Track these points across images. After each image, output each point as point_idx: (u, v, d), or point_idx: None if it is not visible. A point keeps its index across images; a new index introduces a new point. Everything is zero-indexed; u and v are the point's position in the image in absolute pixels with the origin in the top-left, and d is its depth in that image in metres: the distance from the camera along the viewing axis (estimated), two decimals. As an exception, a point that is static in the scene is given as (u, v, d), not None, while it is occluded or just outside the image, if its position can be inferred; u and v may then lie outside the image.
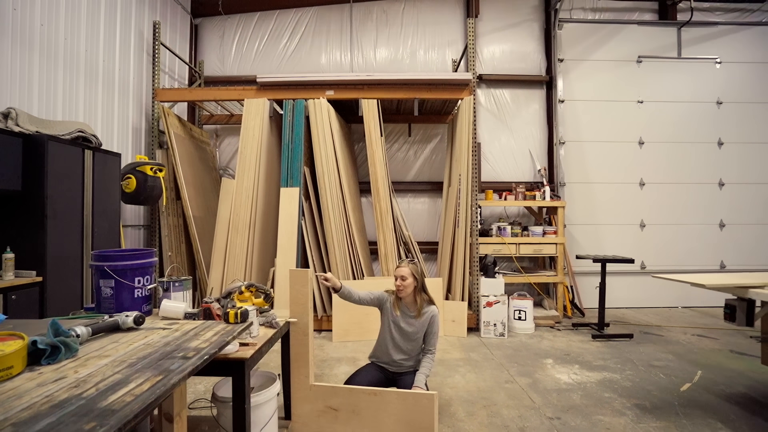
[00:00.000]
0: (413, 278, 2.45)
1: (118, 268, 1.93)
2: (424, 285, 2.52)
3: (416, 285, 2.47)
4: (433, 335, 2.46)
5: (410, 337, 2.46)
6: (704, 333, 4.55)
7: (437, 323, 2.47)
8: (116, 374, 1.14)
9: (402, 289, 2.45)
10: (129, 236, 4.49)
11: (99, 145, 3.36)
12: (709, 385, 3.11)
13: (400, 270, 2.46)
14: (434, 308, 2.49)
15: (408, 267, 2.46)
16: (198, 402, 2.73)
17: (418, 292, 2.48)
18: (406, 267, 2.46)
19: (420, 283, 2.48)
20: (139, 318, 1.62)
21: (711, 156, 5.97)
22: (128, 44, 4.50)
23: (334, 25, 6.00)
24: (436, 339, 2.47)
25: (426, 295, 2.51)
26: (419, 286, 2.48)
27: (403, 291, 2.45)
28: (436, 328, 2.46)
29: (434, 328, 2.46)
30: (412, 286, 2.45)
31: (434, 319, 2.46)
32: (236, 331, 1.62)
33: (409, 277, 2.44)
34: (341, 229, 4.51)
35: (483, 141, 5.91)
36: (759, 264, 5.89)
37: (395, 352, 2.48)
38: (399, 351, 2.47)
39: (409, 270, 2.45)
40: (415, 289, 2.47)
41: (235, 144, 5.71)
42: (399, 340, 2.47)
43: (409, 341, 2.46)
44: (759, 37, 6.08)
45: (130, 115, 4.53)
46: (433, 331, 2.46)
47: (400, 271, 2.46)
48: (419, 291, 2.48)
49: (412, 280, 2.44)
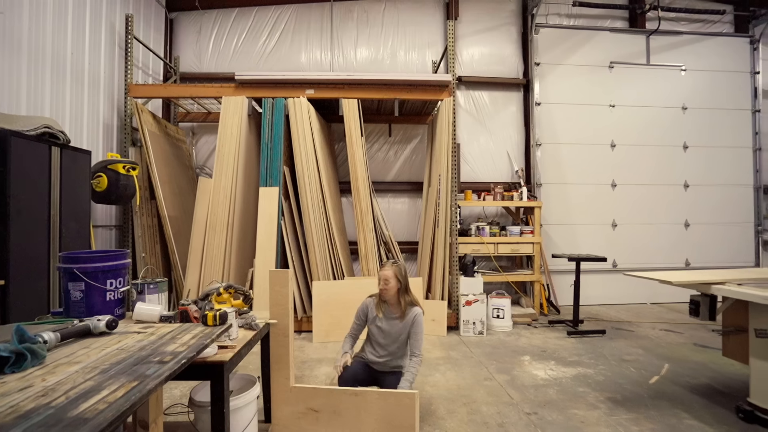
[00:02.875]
0: (396, 280, 2.45)
1: (89, 270, 1.85)
2: (407, 286, 2.52)
3: (399, 286, 2.47)
4: (417, 336, 2.43)
5: (393, 338, 2.46)
6: (671, 328, 4.76)
7: (420, 324, 2.45)
8: (88, 381, 1.09)
9: (385, 291, 2.45)
10: (100, 237, 4.31)
11: (67, 141, 3.22)
12: (676, 377, 3.26)
13: (384, 272, 2.45)
14: (418, 309, 2.48)
15: (391, 269, 2.46)
16: (174, 407, 2.65)
17: (402, 293, 2.48)
18: (390, 269, 2.46)
19: (404, 284, 2.48)
20: (112, 322, 1.56)
21: (677, 159, 6.26)
22: (99, 37, 4.32)
23: (315, 24, 5.95)
24: (420, 341, 2.44)
25: (409, 296, 2.51)
26: (402, 288, 2.48)
27: (386, 293, 2.45)
28: (419, 328, 2.44)
29: (417, 328, 2.44)
30: (395, 288, 2.45)
31: (417, 319, 2.45)
32: (215, 333, 1.59)
33: (392, 280, 2.43)
34: (321, 229, 4.48)
35: (462, 142, 5.99)
36: (720, 261, 6.22)
37: (380, 351, 2.48)
38: (383, 351, 2.48)
39: (392, 272, 2.44)
40: (399, 291, 2.47)
41: (213, 142, 5.58)
42: (382, 341, 2.48)
43: (393, 342, 2.47)
44: (720, 46, 6.42)
45: (101, 111, 4.35)
46: (417, 332, 2.44)
47: (384, 274, 2.45)
48: (403, 292, 2.48)
49: (395, 282, 2.44)
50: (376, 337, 2.50)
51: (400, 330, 2.45)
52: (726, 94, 6.39)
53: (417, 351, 2.43)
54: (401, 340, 2.46)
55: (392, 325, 2.47)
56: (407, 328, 2.44)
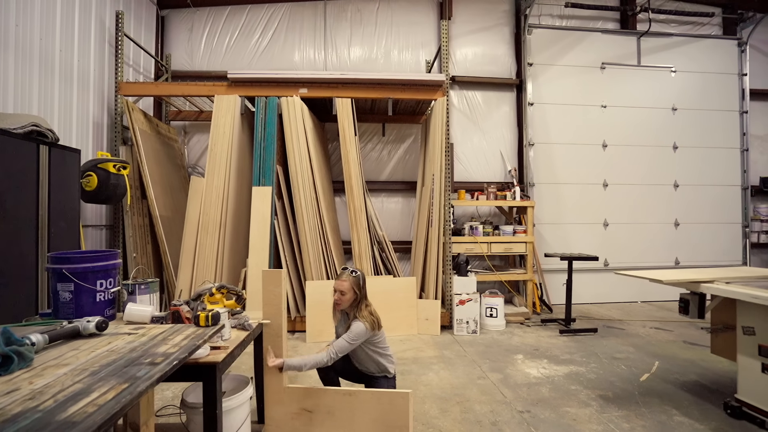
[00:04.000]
0: (353, 292, 2.31)
1: (78, 271, 1.83)
2: (365, 296, 2.38)
3: (356, 297, 2.33)
4: (342, 340, 2.24)
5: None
6: (660, 326, 4.83)
7: (354, 332, 2.22)
8: (77, 384, 1.08)
9: (339, 304, 2.33)
10: (90, 237, 4.25)
11: (56, 140, 3.16)
12: (665, 374, 3.30)
13: (340, 284, 2.31)
14: (361, 324, 2.25)
15: (348, 280, 2.31)
16: (166, 409, 2.63)
17: (355, 305, 2.34)
18: (346, 281, 2.31)
19: (360, 295, 2.34)
20: (102, 323, 1.54)
21: (667, 159, 6.34)
22: (88, 34, 4.26)
23: (308, 23, 5.93)
24: (343, 344, 2.22)
25: (364, 308, 2.33)
26: (359, 299, 2.34)
27: (340, 305, 2.33)
28: (351, 335, 2.22)
29: (349, 334, 2.22)
30: (350, 301, 2.32)
31: (353, 327, 2.25)
32: (207, 334, 1.58)
33: (348, 292, 2.30)
34: (315, 228, 4.47)
35: (456, 141, 6.00)
36: (709, 260, 6.32)
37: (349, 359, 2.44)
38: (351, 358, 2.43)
39: (348, 284, 2.30)
40: (354, 302, 2.33)
41: (205, 141, 5.53)
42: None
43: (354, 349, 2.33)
44: (709, 49, 6.51)
45: (90, 110, 4.29)
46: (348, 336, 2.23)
47: (340, 285, 2.31)
48: (356, 305, 2.34)
49: (351, 295, 2.31)
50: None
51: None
52: (715, 95, 6.49)
53: (332, 350, 2.22)
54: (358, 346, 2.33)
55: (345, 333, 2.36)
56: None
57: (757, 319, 2.43)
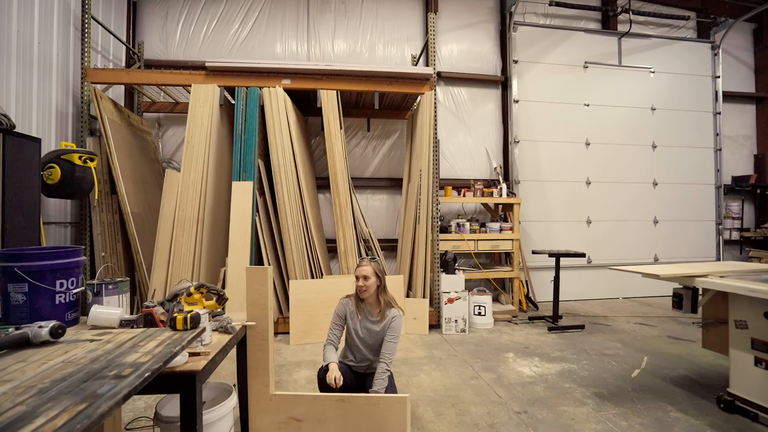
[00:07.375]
0: (376, 277, 2.30)
1: (33, 269, 1.61)
2: (386, 285, 2.37)
3: (379, 284, 2.32)
4: (392, 341, 2.23)
5: (374, 342, 2.31)
6: (644, 321, 4.88)
7: (398, 328, 2.26)
8: (18, 406, 0.87)
9: (365, 290, 2.28)
10: (53, 234, 3.92)
11: (11, 127, 2.87)
12: (655, 369, 3.30)
13: (362, 269, 2.29)
14: (396, 311, 2.30)
15: (370, 265, 2.30)
16: (137, 421, 2.40)
17: (381, 291, 2.33)
18: (368, 266, 2.30)
19: (383, 282, 2.34)
20: (58, 328, 1.33)
21: (646, 158, 6.47)
22: (50, 15, 3.92)
23: (290, 13, 5.71)
24: (394, 347, 2.24)
25: (387, 296, 2.36)
26: (382, 286, 2.34)
27: (365, 291, 2.28)
28: (396, 332, 2.25)
29: (394, 332, 2.24)
30: (374, 286, 2.30)
31: (395, 322, 2.26)
32: (185, 339, 1.39)
33: (372, 276, 2.28)
34: (298, 225, 4.28)
35: (441, 138, 5.92)
36: (685, 257, 6.48)
37: (359, 356, 2.34)
38: (362, 356, 2.34)
39: (371, 269, 2.29)
40: (378, 289, 2.32)
41: (181, 134, 5.24)
42: (362, 346, 2.33)
43: (373, 346, 2.32)
44: (685, 51, 6.69)
45: (53, 97, 3.96)
46: (393, 336, 2.24)
47: (362, 271, 2.28)
48: (382, 291, 2.34)
49: (375, 280, 2.29)
50: (355, 341, 2.34)
51: (380, 333, 2.29)
52: (690, 96, 6.67)
53: (388, 358, 2.20)
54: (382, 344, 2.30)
55: (372, 328, 2.31)
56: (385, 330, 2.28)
57: (750, 313, 2.43)
